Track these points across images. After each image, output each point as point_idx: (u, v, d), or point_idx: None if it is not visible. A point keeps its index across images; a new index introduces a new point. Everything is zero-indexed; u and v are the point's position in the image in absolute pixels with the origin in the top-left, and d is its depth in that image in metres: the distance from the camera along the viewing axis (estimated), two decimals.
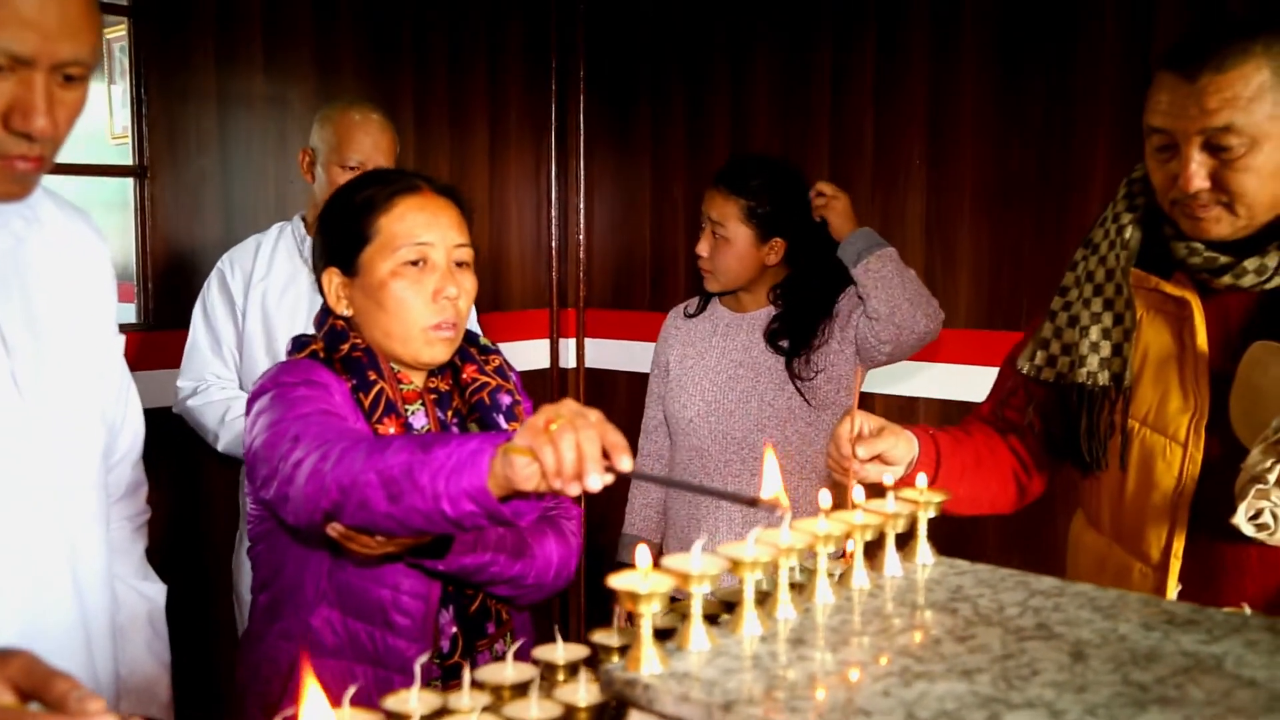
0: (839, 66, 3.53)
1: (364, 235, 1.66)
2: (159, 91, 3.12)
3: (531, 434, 1.20)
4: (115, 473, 1.55)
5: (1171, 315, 1.66)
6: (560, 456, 1.17)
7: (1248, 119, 1.49)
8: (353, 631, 1.64)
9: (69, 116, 1.23)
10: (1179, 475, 1.64)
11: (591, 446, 1.18)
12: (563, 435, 1.18)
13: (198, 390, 2.82)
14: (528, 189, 4.10)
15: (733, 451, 2.69)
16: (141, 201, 3.14)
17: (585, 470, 1.17)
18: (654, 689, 0.88)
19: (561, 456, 1.17)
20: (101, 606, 1.44)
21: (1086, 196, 3.12)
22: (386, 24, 3.62)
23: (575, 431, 1.18)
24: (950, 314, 3.36)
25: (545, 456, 1.18)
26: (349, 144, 2.72)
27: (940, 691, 0.86)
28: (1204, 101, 1.50)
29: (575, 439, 1.17)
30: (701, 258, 2.74)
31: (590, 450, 1.17)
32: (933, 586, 1.13)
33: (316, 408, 1.56)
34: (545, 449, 1.18)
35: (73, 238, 1.43)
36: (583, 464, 1.17)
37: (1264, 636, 0.98)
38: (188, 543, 3.24)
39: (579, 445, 1.17)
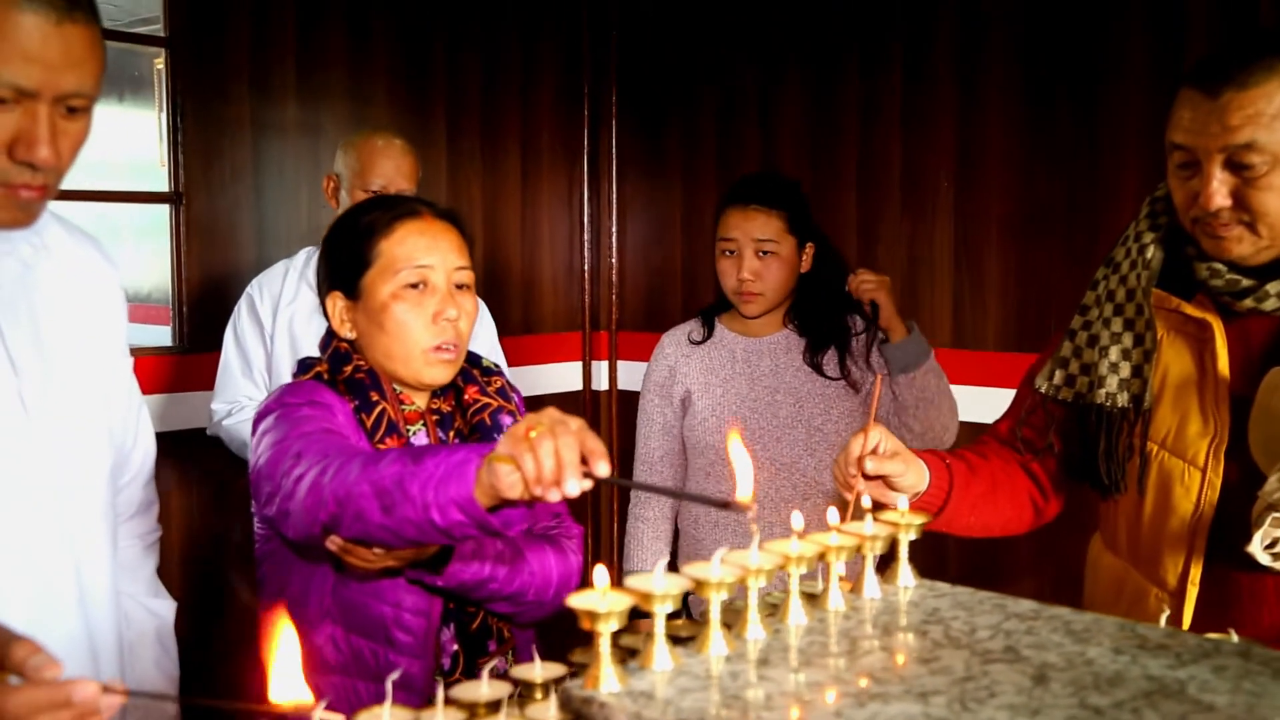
0: (867, 92, 3.53)
1: (365, 259, 1.69)
2: (195, 119, 3.20)
3: (512, 442, 1.22)
4: (126, 492, 1.59)
5: (1192, 337, 1.64)
6: (540, 463, 1.19)
7: (1270, 137, 1.47)
8: (356, 648, 1.66)
9: (72, 146, 1.28)
10: (1197, 501, 1.61)
11: (570, 453, 1.19)
12: (542, 442, 1.19)
13: (232, 412, 2.88)
14: (560, 212, 4.14)
15: (783, 477, 2.68)
16: (177, 227, 3.21)
17: (563, 476, 1.18)
18: (610, 707, 0.89)
19: (541, 463, 1.19)
20: (107, 623, 1.47)
21: (1115, 223, 3.08)
22: (419, 50, 3.68)
23: (554, 438, 1.19)
24: (978, 337, 3.35)
25: (525, 464, 1.20)
26: (371, 169, 2.77)
27: (893, 712, 0.86)
28: (1226, 118, 1.48)
29: (554, 446, 1.19)
30: (748, 280, 2.69)
31: (568, 457, 1.19)
32: (909, 609, 1.12)
33: (319, 426, 1.59)
34: (525, 456, 1.20)
35: (81, 262, 1.47)
36: (561, 470, 1.18)
37: (1234, 662, 0.96)
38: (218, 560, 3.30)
39: (558, 452, 1.18)
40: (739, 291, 2.72)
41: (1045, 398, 1.78)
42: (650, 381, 2.88)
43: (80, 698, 0.94)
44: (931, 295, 3.44)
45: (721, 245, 2.73)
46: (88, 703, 0.94)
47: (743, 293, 2.71)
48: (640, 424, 2.89)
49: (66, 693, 0.94)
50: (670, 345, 2.88)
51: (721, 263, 2.74)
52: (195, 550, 3.28)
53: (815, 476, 2.69)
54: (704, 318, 2.87)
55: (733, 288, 2.73)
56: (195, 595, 3.19)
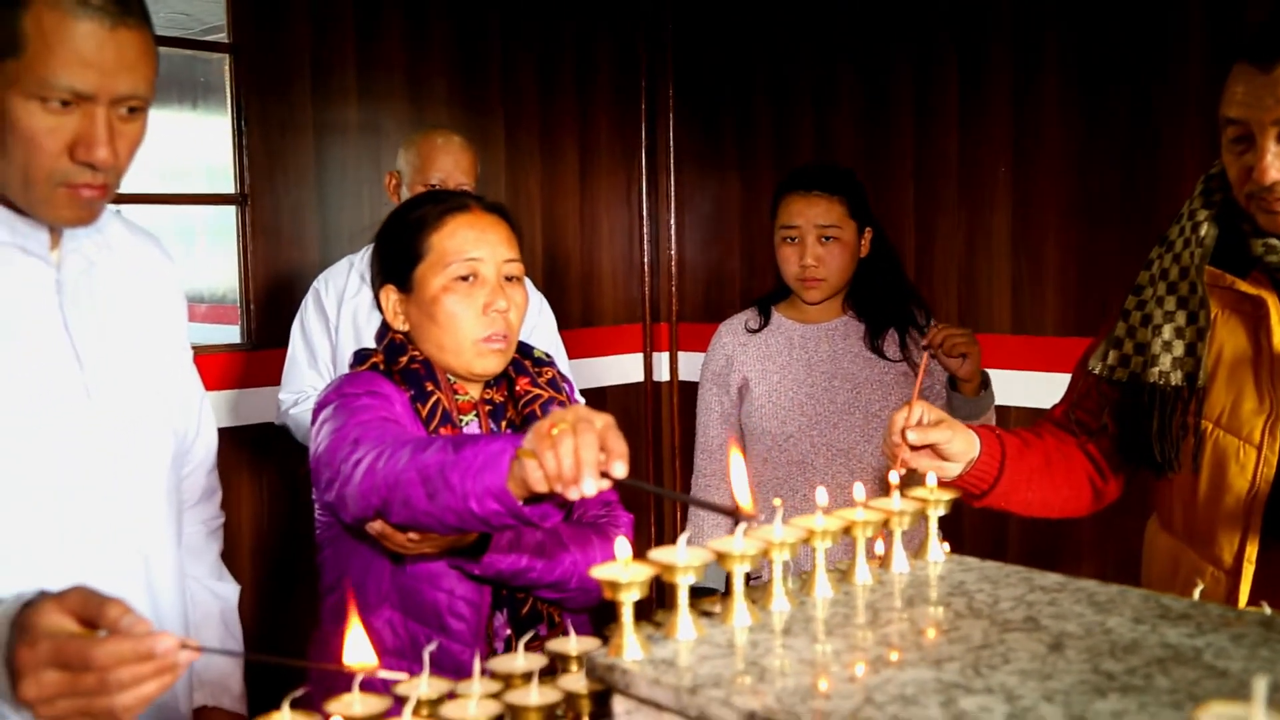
0: (921, 83, 3.53)
1: (417, 253, 1.74)
2: (258, 123, 3.29)
3: (536, 438, 1.24)
4: (190, 480, 1.65)
5: (1247, 315, 1.63)
6: (559, 461, 1.21)
7: None
8: (412, 633, 1.70)
9: (129, 147, 1.34)
10: (1253, 478, 1.60)
11: (588, 453, 1.21)
12: (563, 440, 1.21)
13: (298, 402, 2.96)
14: (619, 206, 4.18)
15: (840, 464, 2.70)
16: (243, 228, 3.31)
17: (581, 476, 1.20)
18: (631, 674, 0.93)
19: (560, 461, 1.21)
20: (174, 605, 1.54)
21: (1172, 209, 3.02)
22: (476, 50, 3.75)
23: (575, 437, 1.21)
24: (1037, 322, 3.32)
25: (546, 460, 1.22)
26: (431, 165, 2.84)
27: (905, 678, 0.88)
28: (1277, 90, 1.47)
29: (574, 444, 1.21)
30: (811, 266, 2.70)
31: (587, 456, 1.20)
32: (936, 583, 1.14)
33: (377, 415, 1.64)
34: (546, 453, 1.22)
35: (142, 259, 1.54)
36: (579, 469, 1.20)
37: (1254, 631, 0.97)
38: (289, 548, 3.39)
39: (577, 451, 1.21)
40: (802, 278, 2.73)
41: (1100, 379, 1.78)
42: (708, 371, 2.91)
43: (162, 649, 1.01)
44: (990, 283, 3.42)
45: (783, 233, 2.74)
46: (168, 655, 1.02)
47: (806, 279, 2.72)
48: (700, 413, 2.93)
49: (150, 645, 1.01)
50: (727, 334, 2.91)
51: (783, 250, 2.75)
52: (264, 538, 3.38)
53: (872, 462, 2.70)
54: (760, 306, 2.89)
55: (795, 274, 2.74)
56: (264, 581, 3.29)
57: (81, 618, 1.04)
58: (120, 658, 1.00)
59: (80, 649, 1.01)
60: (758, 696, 0.86)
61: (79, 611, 1.04)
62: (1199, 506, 1.69)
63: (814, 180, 2.75)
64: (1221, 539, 1.65)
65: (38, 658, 1.01)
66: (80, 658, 1.00)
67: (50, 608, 1.04)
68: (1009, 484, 1.73)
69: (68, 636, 1.02)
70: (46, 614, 1.04)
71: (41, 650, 1.01)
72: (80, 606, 1.04)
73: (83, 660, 1.00)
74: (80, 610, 1.04)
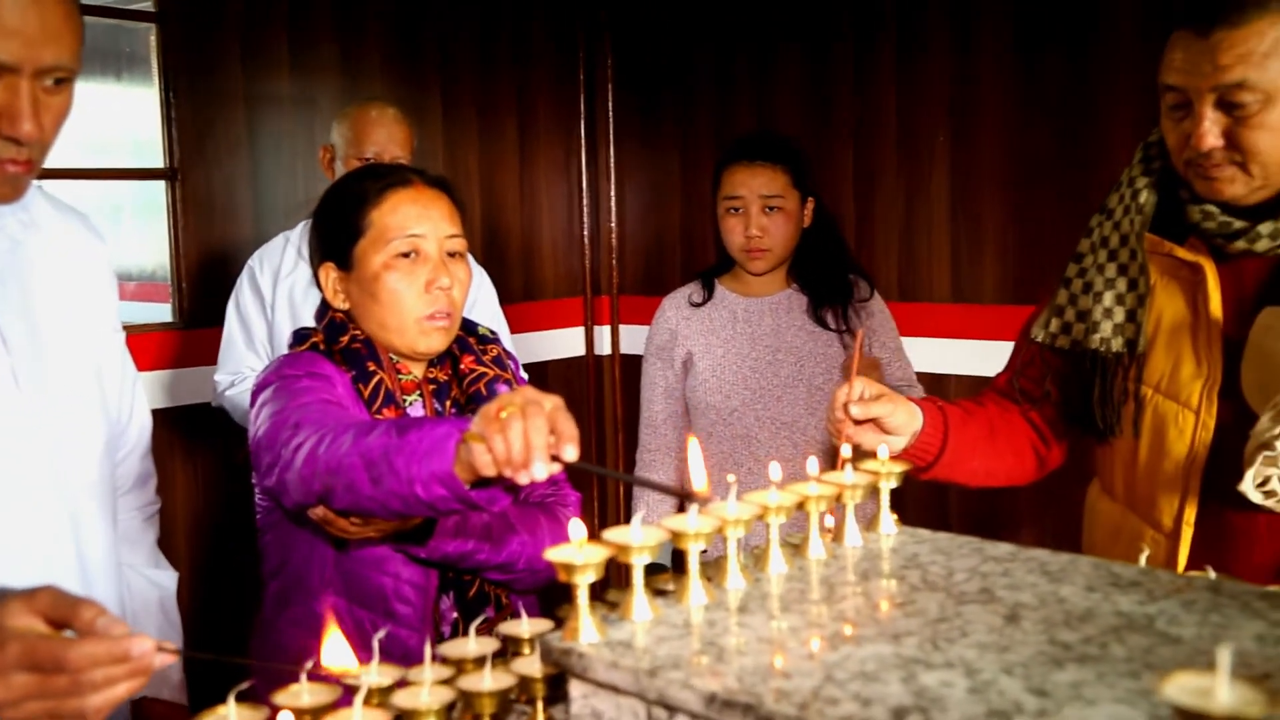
0: (861, 48, 3.52)
1: (357, 229, 1.70)
2: (187, 95, 3.21)
3: (484, 421, 1.21)
4: (124, 465, 1.61)
5: (1185, 281, 1.64)
6: (508, 445, 1.18)
7: (1262, 75, 1.46)
8: (357, 619, 1.67)
9: (55, 120, 1.29)
10: (1191, 442, 1.62)
11: (538, 436, 1.18)
12: (511, 424, 1.18)
13: (235, 383, 2.90)
14: (558, 179, 4.14)
15: (784, 436, 2.70)
16: (173, 203, 3.23)
17: (531, 460, 1.18)
18: (588, 657, 0.91)
19: (510, 444, 1.18)
20: (109, 593, 1.49)
21: (1109, 171, 3.05)
22: (412, 21, 3.68)
23: (524, 420, 1.18)
24: (976, 290, 3.35)
25: (495, 444, 1.19)
26: (365, 138, 2.79)
27: (864, 654, 0.88)
28: (1217, 58, 1.48)
29: (524, 428, 1.18)
30: (756, 237, 2.70)
31: (536, 440, 1.18)
32: (889, 555, 1.14)
33: (318, 397, 1.60)
34: (495, 437, 1.19)
35: (69, 238, 1.49)
36: (529, 453, 1.18)
37: (1203, 596, 0.98)
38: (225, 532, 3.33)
39: (526, 434, 1.18)
40: (747, 249, 2.72)
41: (1042, 347, 1.79)
42: (652, 345, 2.90)
43: (138, 652, 0.99)
44: (929, 250, 3.44)
45: (727, 204, 2.73)
46: (144, 657, 0.99)
47: (751, 250, 2.71)
48: (644, 388, 2.91)
49: (126, 647, 0.98)
50: (670, 308, 2.89)
51: (727, 221, 2.74)
52: (200, 523, 3.32)
53: (816, 435, 2.70)
54: (703, 280, 2.88)
55: (740, 245, 2.73)
56: (200, 567, 3.23)
57: (51, 618, 1.01)
58: (95, 660, 0.97)
59: (53, 651, 0.98)
60: (717, 678, 0.85)
61: (48, 612, 1.01)
62: (1139, 471, 1.71)
63: (757, 150, 2.74)
64: (1161, 502, 1.67)
65: (6, 659, 0.98)
66: (53, 659, 0.97)
67: (18, 608, 1.01)
68: (954, 455, 1.74)
69: (38, 638, 0.99)
70: (14, 614, 1.00)
71: (11, 652, 0.98)
72: (50, 607, 1.01)
73: (56, 662, 0.97)
74: (50, 611, 1.01)
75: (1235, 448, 1.52)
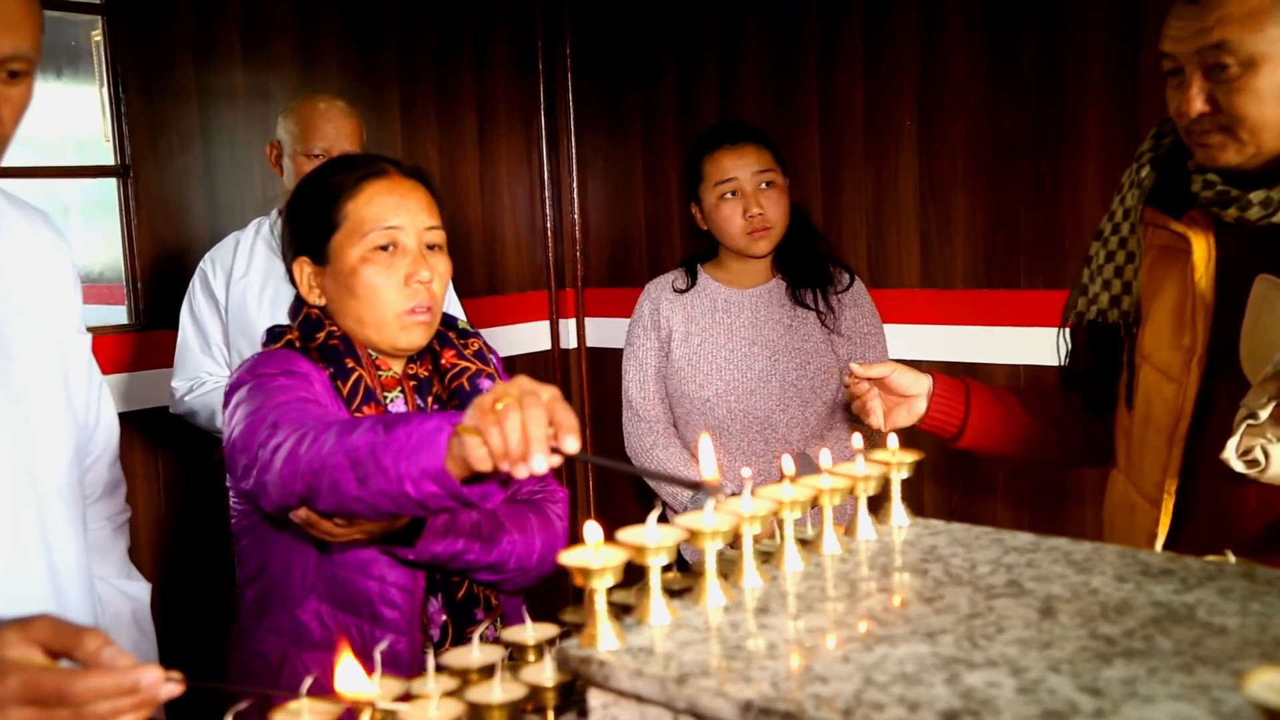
0: (828, 34, 3.49)
1: (332, 222, 1.64)
2: (138, 90, 3.11)
3: (479, 414, 1.16)
4: (92, 472, 1.54)
5: (1179, 253, 1.64)
6: (505, 438, 1.13)
7: (1243, 36, 1.46)
8: (342, 624, 1.62)
9: (14, 112, 1.22)
10: (1174, 411, 1.62)
11: (537, 428, 1.13)
12: (508, 416, 1.13)
13: (193, 389, 2.82)
14: (520, 171, 4.08)
15: (755, 431, 2.67)
16: (125, 201, 3.13)
17: (530, 452, 1.13)
18: (609, 665, 0.87)
19: (507, 437, 1.13)
20: (82, 607, 1.42)
21: (1080, 154, 3.07)
22: (369, 11, 3.59)
23: (521, 411, 1.13)
24: (948, 276, 3.33)
25: (491, 437, 1.14)
26: (312, 132, 2.72)
27: (901, 654, 0.84)
28: (1202, 20, 1.48)
29: (521, 420, 1.13)
30: (758, 214, 2.64)
31: (535, 432, 1.12)
32: (906, 549, 1.10)
33: (295, 396, 1.54)
34: (491, 430, 1.14)
35: (32, 238, 1.41)
36: (528, 446, 1.13)
37: (1238, 584, 0.95)
38: (188, 539, 3.25)
39: (524, 426, 1.13)
40: (750, 230, 2.67)
41: (1074, 328, 1.80)
42: (637, 327, 2.85)
43: (147, 683, 0.94)
44: (898, 236, 3.42)
45: (720, 189, 2.68)
46: (152, 688, 0.94)
47: (755, 230, 2.67)
48: (628, 370, 2.84)
49: (133, 679, 0.94)
50: (655, 290, 2.86)
51: (723, 207, 2.68)
52: (162, 529, 3.23)
53: (785, 432, 2.67)
54: (687, 266, 2.84)
55: (742, 228, 2.67)
56: (165, 575, 3.14)
57: (50, 648, 0.96)
58: (100, 693, 0.92)
59: (57, 684, 0.92)
60: (751, 684, 0.81)
61: (47, 642, 0.96)
62: (1133, 441, 1.71)
63: (738, 133, 2.72)
64: (1147, 471, 1.67)
65: (7, 692, 0.93)
66: (56, 693, 0.92)
67: (14, 638, 0.95)
68: (980, 418, 1.75)
69: (39, 670, 0.93)
70: (11, 644, 0.95)
71: (10, 684, 0.93)
72: (50, 637, 0.96)
73: (59, 695, 0.92)
74: (50, 641, 0.96)
75: (1219, 420, 1.51)
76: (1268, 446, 1.38)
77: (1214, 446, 1.53)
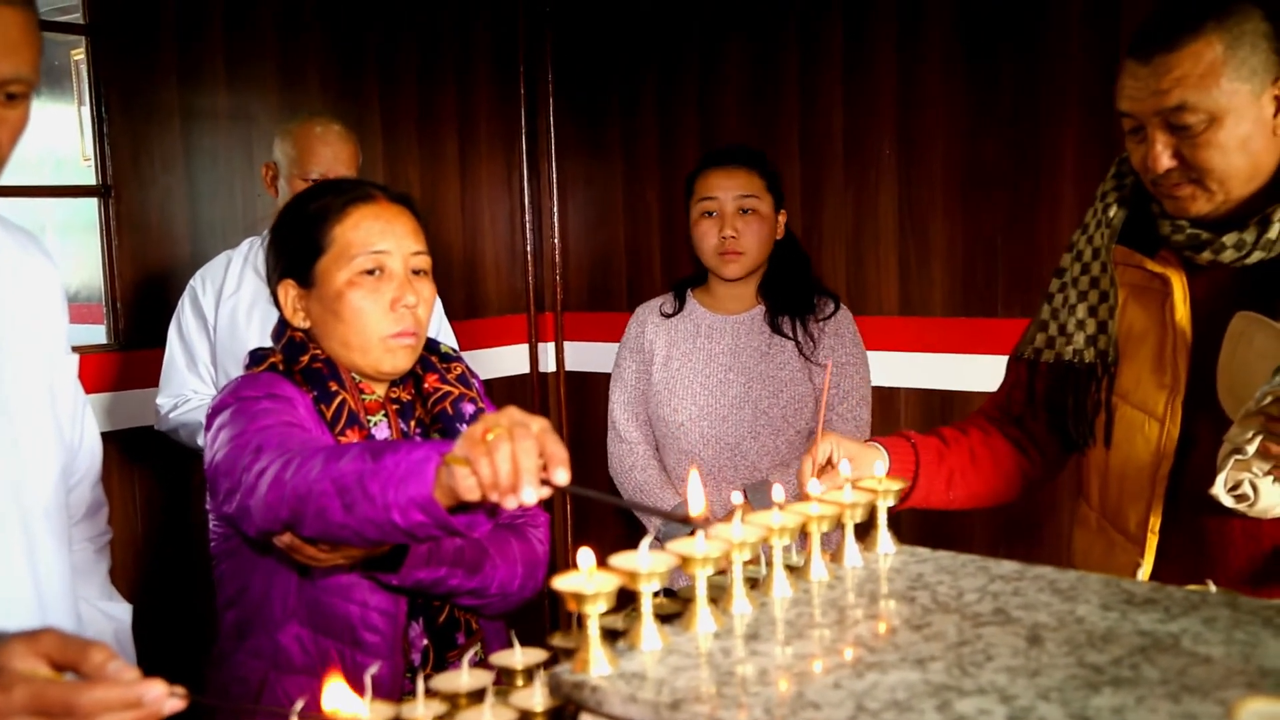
0: (807, 61, 3.52)
1: (319, 245, 1.64)
2: (120, 110, 3.10)
3: (469, 444, 1.16)
4: (75, 493, 1.53)
5: (1155, 292, 1.67)
6: (495, 469, 1.13)
7: (1201, 96, 1.50)
8: (323, 649, 1.61)
9: (12, 134, 1.22)
10: (1156, 450, 1.64)
11: (527, 459, 1.13)
12: (499, 447, 1.13)
13: (178, 406, 2.81)
14: (500, 195, 4.08)
15: (725, 457, 2.67)
16: (107, 221, 3.12)
17: (520, 484, 1.13)
18: (602, 690, 0.87)
19: (497, 469, 1.13)
20: (66, 626, 1.41)
21: (1057, 182, 3.11)
22: (352, 34, 3.60)
23: (512, 443, 1.13)
24: (926, 303, 3.36)
25: (481, 468, 1.14)
26: (310, 157, 2.71)
27: (892, 681, 0.85)
28: (1158, 83, 1.52)
29: (511, 451, 1.13)
30: (730, 238, 2.65)
31: (526, 463, 1.13)
32: (893, 576, 1.11)
33: (279, 420, 1.54)
34: (481, 460, 1.14)
35: (20, 259, 1.41)
36: (518, 477, 1.13)
37: (1222, 613, 0.96)
38: (166, 560, 3.22)
39: (514, 457, 1.13)
40: (721, 251, 2.68)
41: (1029, 364, 1.82)
42: (624, 350, 2.87)
43: (151, 697, 0.95)
44: (877, 263, 3.44)
45: (702, 207, 2.70)
46: (156, 702, 0.96)
47: (725, 251, 2.68)
48: (614, 389, 2.85)
49: (139, 693, 0.95)
50: (643, 313, 2.88)
51: (701, 225, 2.70)
52: (139, 550, 3.20)
53: (756, 460, 2.67)
54: (676, 291, 2.85)
55: (714, 248, 2.69)
56: (142, 596, 3.11)
57: (55, 661, 0.97)
58: (106, 705, 0.93)
59: (63, 696, 0.94)
60: (744, 710, 0.81)
61: (53, 655, 0.97)
62: (1110, 480, 1.73)
63: (732, 155, 2.74)
64: (1128, 510, 1.69)
65: (12, 703, 0.94)
66: (63, 704, 0.93)
67: (21, 650, 0.97)
68: (926, 489, 1.78)
69: (46, 682, 0.95)
70: (17, 656, 0.96)
71: (17, 696, 0.94)
72: (56, 650, 0.98)
73: (65, 707, 0.93)
74: (55, 653, 0.97)
75: (1201, 456, 1.53)
76: (1255, 480, 1.40)
77: (1197, 482, 1.55)
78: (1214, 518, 1.57)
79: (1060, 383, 1.75)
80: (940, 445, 1.80)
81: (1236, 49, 1.49)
